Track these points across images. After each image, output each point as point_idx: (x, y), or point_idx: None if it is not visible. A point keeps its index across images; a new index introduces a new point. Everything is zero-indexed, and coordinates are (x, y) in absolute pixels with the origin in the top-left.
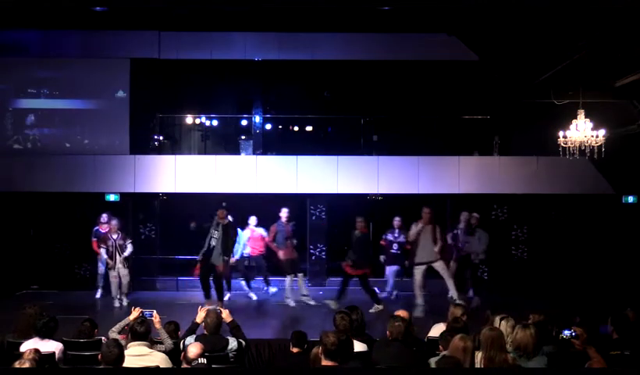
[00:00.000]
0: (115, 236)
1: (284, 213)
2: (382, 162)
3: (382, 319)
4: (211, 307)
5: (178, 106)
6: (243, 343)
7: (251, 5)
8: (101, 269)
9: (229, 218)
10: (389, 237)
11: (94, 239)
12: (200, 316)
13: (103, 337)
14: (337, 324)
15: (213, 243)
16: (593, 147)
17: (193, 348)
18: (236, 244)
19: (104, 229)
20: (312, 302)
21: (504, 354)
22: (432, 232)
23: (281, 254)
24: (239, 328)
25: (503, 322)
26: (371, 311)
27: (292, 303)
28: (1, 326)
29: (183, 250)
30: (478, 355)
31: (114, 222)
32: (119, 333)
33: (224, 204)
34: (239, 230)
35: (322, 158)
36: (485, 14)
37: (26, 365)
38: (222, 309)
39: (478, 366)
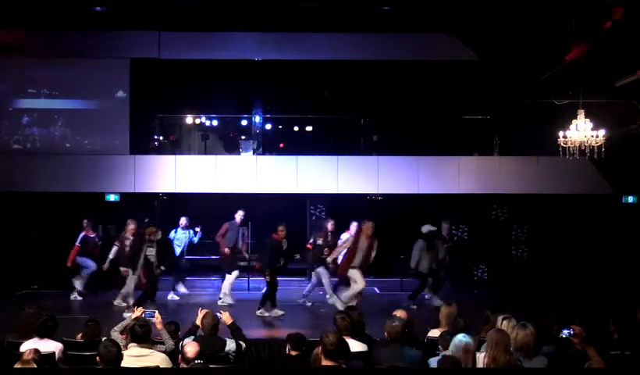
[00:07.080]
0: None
1: (239, 215)
2: (382, 162)
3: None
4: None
5: (178, 106)
6: (243, 345)
7: (251, 5)
8: (79, 276)
9: (159, 233)
10: (320, 241)
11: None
12: (199, 318)
13: (104, 338)
14: (338, 325)
15: (151, 260)
16: (593, 147)
17: (190, 346)
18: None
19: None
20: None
21: (508, 355)
22: (369, 245)
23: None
24: (239, 330)
25: (504, 322)
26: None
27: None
28: (1, 326)
29: None
30: (480, 356)
31: (132, 226)
32: (121, 333)
33: (147, 220)
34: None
35: (322, 158)
36: (485, 14)
37: (18, 365)
38: (222, 312)
39: (479, 366)
